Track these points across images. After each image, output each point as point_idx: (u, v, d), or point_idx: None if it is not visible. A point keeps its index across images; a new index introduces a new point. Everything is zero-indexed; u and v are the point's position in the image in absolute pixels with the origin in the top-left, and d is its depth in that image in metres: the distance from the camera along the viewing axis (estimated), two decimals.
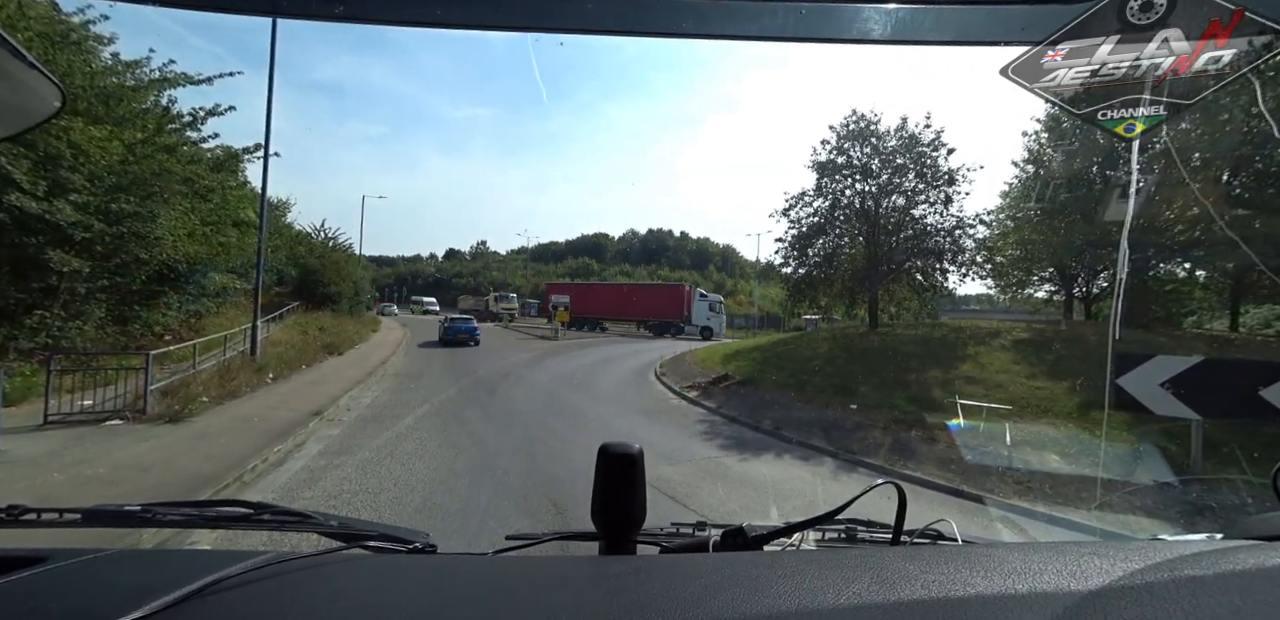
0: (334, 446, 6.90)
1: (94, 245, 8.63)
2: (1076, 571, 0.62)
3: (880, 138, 16.31)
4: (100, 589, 0.70)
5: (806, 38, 1.03)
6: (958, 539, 1.05)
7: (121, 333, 10.63)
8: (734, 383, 12.79)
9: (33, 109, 0.88)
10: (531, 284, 64.99)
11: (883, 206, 16.53)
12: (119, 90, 9.81)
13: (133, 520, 0.97)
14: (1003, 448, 6.76)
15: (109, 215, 8.60)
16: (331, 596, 0.67)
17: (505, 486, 5.51)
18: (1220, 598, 0.55)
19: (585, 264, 74.61)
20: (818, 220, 17.49)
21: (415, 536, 1.03)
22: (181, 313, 13.28)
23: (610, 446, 0.92)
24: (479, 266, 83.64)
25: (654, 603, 0.58)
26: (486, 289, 71.99)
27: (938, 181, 15.83)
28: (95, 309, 9.47)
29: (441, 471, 5.99)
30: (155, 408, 7.41)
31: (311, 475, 5.70)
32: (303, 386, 10.62)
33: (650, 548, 1.03)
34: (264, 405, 8.69)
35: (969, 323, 16.30)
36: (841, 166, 16.90)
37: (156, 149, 9.79)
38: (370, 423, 8.24)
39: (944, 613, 0.54)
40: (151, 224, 9.16)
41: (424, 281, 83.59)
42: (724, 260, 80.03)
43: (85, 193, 8.36)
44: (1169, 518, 4.96)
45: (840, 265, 17.33)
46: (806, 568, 0.66)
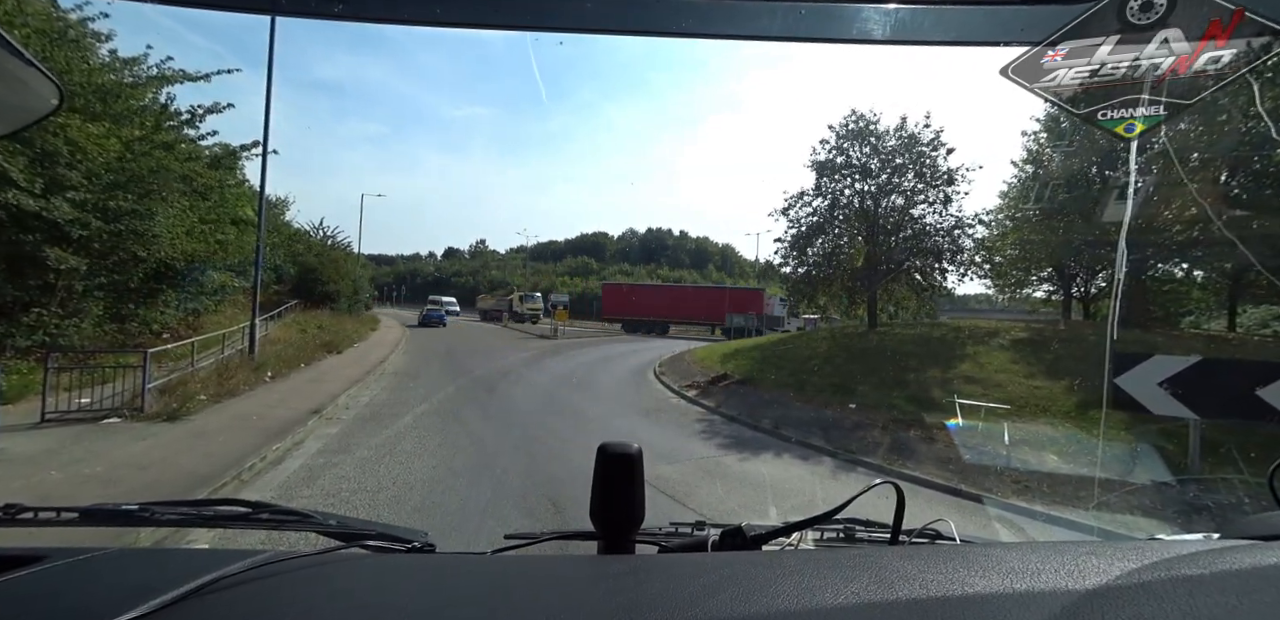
0: (333, 445, 6.89)
1: (91, 243, 8.61)
2: (1074, 571, 0.62)
3: (879, 137, 16.33)
4: (98, 588, 0.70)
5: (806, 38, 1.04)
6: (955, 539, 1.06)
7: (119, 331, 10.60)
8: (733, 382, 12.80)
9: (31, 106, 0.88)
10: (530, 282, 64.94)
11: (882, 206, 16.54)
12: (116, 87, 9.77)
13: (131, 519, 0.97)
14: (1001, 447, 6.78)
15: (106, 213, 8.57)
16: (330, 596, 0.67)
17: (504, 486, 5.52)
18: (1217, 597, 0.55)
19: (584, 263, 74.51)
20: (817, 220, 17.51)
21: (414, 536, 1.03)
22: (180, 311, 13.26)
23: (609, 446, 0.92)
24: (478, 265, 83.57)
25: (652, 602, 0.59)
26: (485, 287, 71.91)
27: (937, 181, 15.85)
28: (93, 307, 9.45)
29: (440, 470, 5.99)
30: (153, 406, 7.40)
31: (310, 474, 5.70)
32: (301, 385, 10.61)
33: (649, 547, 1.03)
34: (262, 403, 8.69)
35: (968, 322, 16.33)
36: (841, 166, 16.92)
37: (154, 146, 9.76)
38: (369, 421, 8.24)
39: (942, 612, 0.54)
40: (149, 222, 9.14)
41: (423, 280, 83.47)
42: (723, 259, 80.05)
43: (83, 190, 8.34)
44: (1166, 517, 4.98)
45: (839, 265, 17.35)
46: (805, 567, 0.67)
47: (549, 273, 72.46)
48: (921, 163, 15.83)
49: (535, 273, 71.58)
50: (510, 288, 55.27)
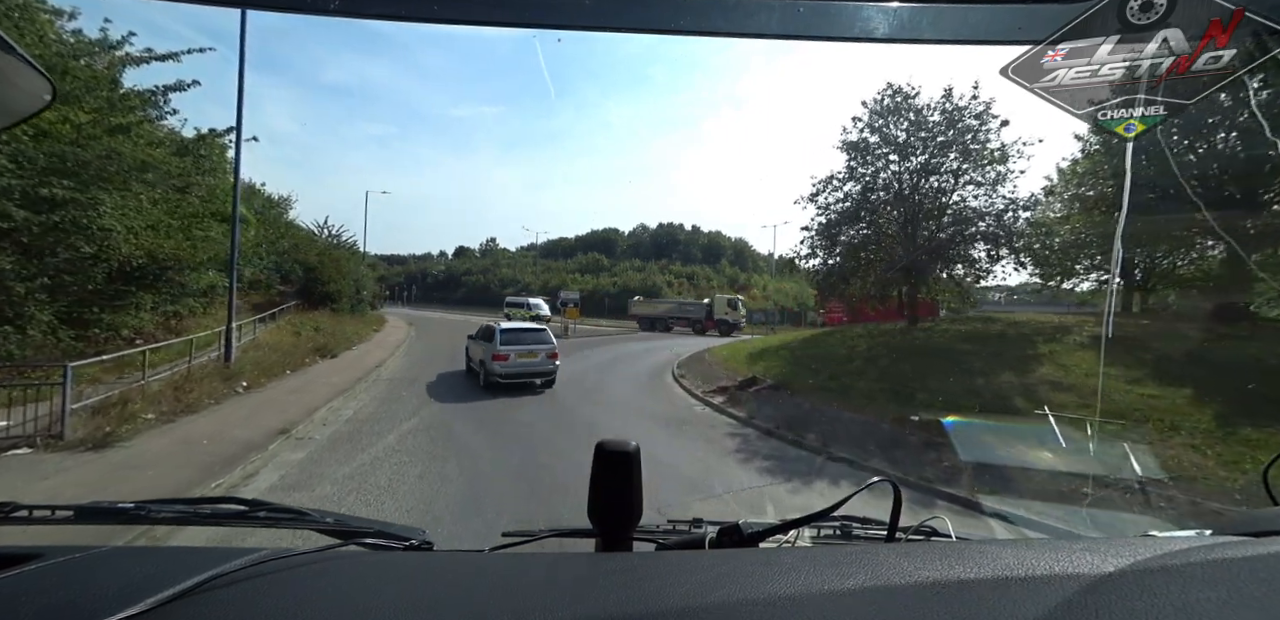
0: (291, 477, 5.63)
1: (18, 236, 7.39)
2: (1069, 567, 0.63)
3: (919, 112, 14.71)
4: (94, 586, 0.68)
5: (803, 35, 1.05)
6: (951, 536, 1.09)
7: (79, 337, 9.44)
8: (764, 387, 11.35)
9: (23, 102, 0.87)
10: (541, 280, 63.75)
11: (921, 188, 14.93)
12: (61, 63, 8.57)
13: (126, 517, 0.97)
14: (1132, 474, 5.27)
15: (38, 202, 7.35)
16: (328, 593, 0.66)
17: (496, 522, 4.19)
18: (1210, 593, 0.56)
19: (596, 260, 73.22)
20: (849, 206, 15.96)
21: (411, 533, 1.02)
22: (159, 314, 12.15)
23: (607, 443, 0.91)
24: (488, 264, 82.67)
25: (650, 599, 0.59)
26: (497, 286, 71.07)
27: (986, 160, 14.21)
28: (38, 312, 8.27)
29: (416, 515, 4.70)
30: (78, 431, 6.15)
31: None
32: (279, 396, 9.39)
33: (646, 545, 1.04)
34: (223, 421, 7.45)
35: (1025, 317, 14.68)
36: (875, 146, 15.34)
37: (105, 129, 8.56)
38: (344, 443, 6.97)
39: (937, 608, 0.54)
40: (93, 213, 7.90)
41: (433, 280, 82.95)
42: (737, 254, 77.95)
43: (9, 175, 7.12)
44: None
45: (874, 255, 15.80)
46: (801, 564, 0.67)
47: (560, 270, 71.28)
48: (968, 138, 14.18)
49: (546, 270, 70.47)
50: (706, 288, 48.56)
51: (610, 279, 64.48)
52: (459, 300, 68.74)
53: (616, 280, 63.24)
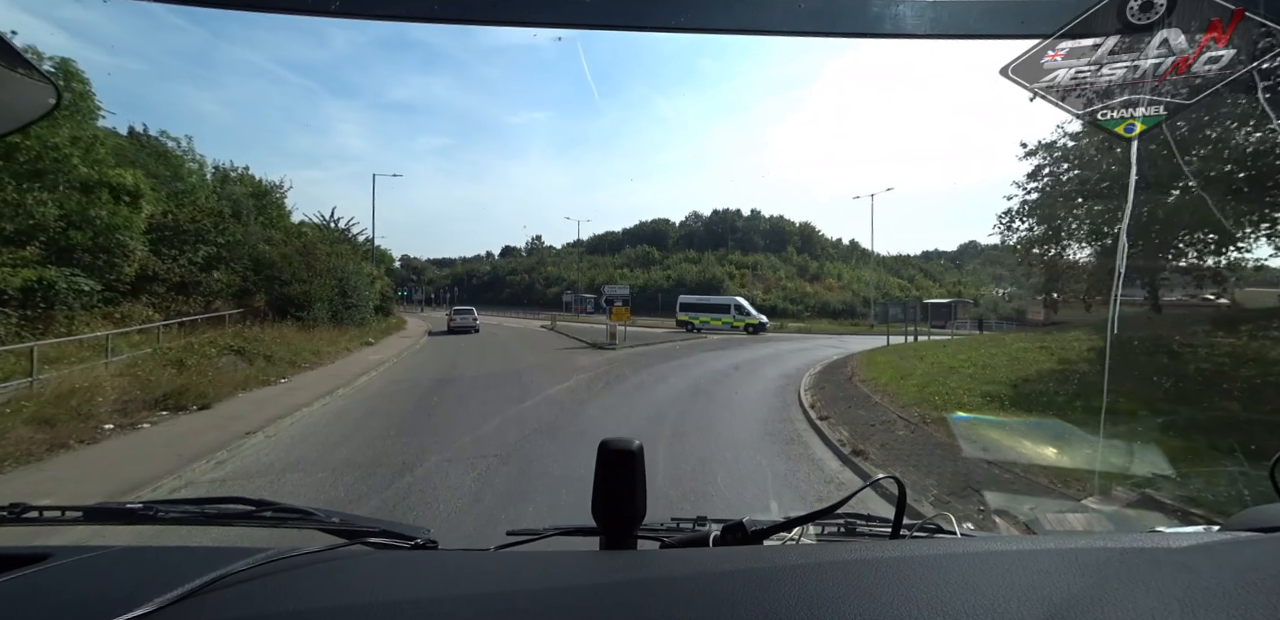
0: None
1: None
2: (1074, 563, 0.62)
3: None
4: (103, 585, 0.70)
5: (804, 32, 1.06)
6: (956, 532, 1.07)
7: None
8: None
9: (27, 108, 0.89)
10: (588, 277, 58.73)
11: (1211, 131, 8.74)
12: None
13: (134, 517, 0.98)
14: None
15: None
16: (334, 593, 0.66)
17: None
18: (1216, 589, 0.54)
19: (646, 253, 67.68)
20: (1093, 175, 10.67)
21: (417, 533, 1.02)
22: None
23: (610, 442, 0.90)
24: (534, 262, 78.91)
25: (654, 597, 0.59)
26: (542, 285, 66.80)
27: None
28: None
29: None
30: None
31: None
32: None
33: (651, 543, 1.02)
34: None
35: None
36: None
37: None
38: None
39: (942, 605, 0.53)
40: None
41: (479, 281, 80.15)
42: (804, 240, 70.04)
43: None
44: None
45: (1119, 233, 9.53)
46: (806, 562, 0.67)
47: (606, 265, 66.14)
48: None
49: (592, 266, 65.48)
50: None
51: (663, 272, 58.90)
52: (504, 300, 64.96)
53: (670, 274, 57.62)
